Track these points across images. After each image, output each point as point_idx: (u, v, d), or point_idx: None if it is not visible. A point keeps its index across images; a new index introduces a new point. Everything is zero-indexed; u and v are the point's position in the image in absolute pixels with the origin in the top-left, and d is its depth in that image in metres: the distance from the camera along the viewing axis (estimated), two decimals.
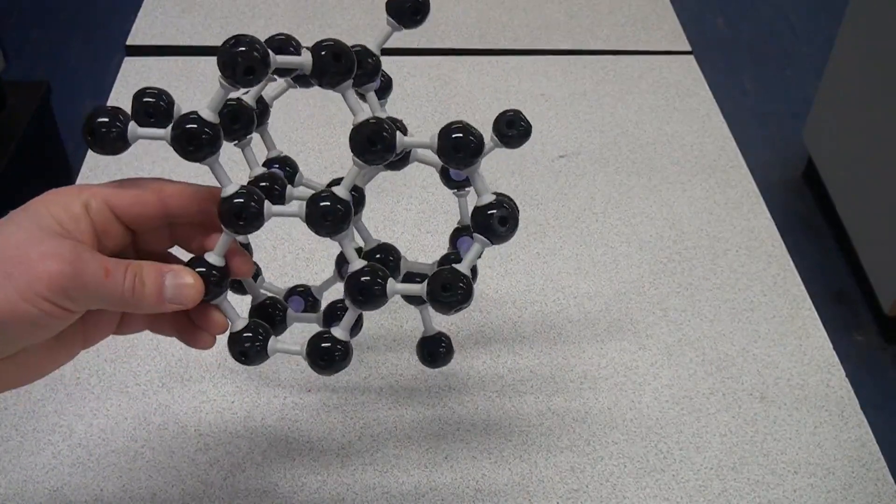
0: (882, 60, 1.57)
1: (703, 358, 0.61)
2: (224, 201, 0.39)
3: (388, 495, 0.52)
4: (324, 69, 0.39)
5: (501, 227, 0.40)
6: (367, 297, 0.40)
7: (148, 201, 0.39)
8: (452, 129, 0.39)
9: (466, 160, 0.39)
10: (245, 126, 0.43)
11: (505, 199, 0.40)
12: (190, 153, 0.38)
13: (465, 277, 0.40)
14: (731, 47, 2.34)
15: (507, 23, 0.93)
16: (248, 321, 0.42)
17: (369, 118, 0.39)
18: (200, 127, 0.38)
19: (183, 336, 0.42)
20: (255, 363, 0.43)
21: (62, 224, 0.37)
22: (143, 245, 0.41)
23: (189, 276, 0.39)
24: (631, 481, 0.53)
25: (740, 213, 0.72)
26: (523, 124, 0.46)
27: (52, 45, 2.22)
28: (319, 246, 0.67)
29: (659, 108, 0.83)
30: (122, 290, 0.37)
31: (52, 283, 0.35)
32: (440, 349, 0.48)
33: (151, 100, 0.40)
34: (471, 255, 0.41)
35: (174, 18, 0.91)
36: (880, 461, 0.55)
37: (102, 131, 0.38)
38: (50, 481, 0.52)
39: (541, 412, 0.57)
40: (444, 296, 0.39)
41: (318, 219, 0.39)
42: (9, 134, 1.44)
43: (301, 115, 0.79)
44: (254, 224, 0.39)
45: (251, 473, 0.53)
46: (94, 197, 0.38)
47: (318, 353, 0.42)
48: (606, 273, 0.66)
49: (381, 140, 0.39)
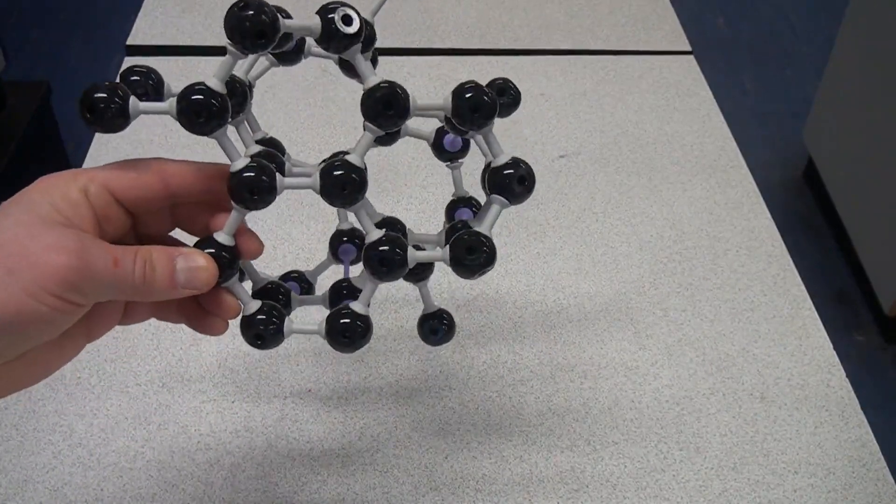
0: (882, 60, 1.57)
1: (703, 358, 0.61)
2: (234, 176, 0.37)
3: (389, 495, 0.52)
4: (332, 34, 0.37)
5: (520, 186, 0.39)
6: (390, 266, 0.39)
7: (149, 182, 0.37)
8: (466, 88, 0.38)
9: (482, 121, 0.38)
10: (240, 102, 0.41)
11: (520, 159, 0.39)
12: (199, 126, 0.36)
13: (487, 239, 0.39)
14: (731, 47, 2.34)
15: (508, 23, 0.93)
16: (261, 303, 0.41)
17: (380, 82, 0.38)
18: (208, 97, 0.36)
19: (193, 323, 0.40)
20: (271, 346, 0.41)
21: (61, 212, 0.35)
22: (143, 229, 0.39)
23: (201, 258, 0.37)
24: (631, 481, 0.53)
25: (740, 213, 0.72)
26: (513, 93, 0.45)
27: (52, 45, 2.22)
28: (320, 246, 0.67)
29: (659, 108, 0.83)
30: (133, 279, 0.35)
31: (59, 278, 0.33)
32: (442, 325, 0.47)
33: (138, 78, 0.38)
34: (490, 216, 0.39)
35: (174, 18, 0.91)
36: (880, 461, 0.55)
37: (101, 107, 0.36)
38: (50, 481, 0.52)
39: (541, 412, 0.57)
40: (469, 259, 0.38)
41: (334, 188, 0.37)
42: (9, 134, 1.44)
43: (300, 116, 0.79)
44: (266, 199, 0.37)
45: (251, 473, 0.53)
46: (93, 181, 0.36)
47: (338, 329, 0.40)
48: (607, 273, 0.66)
49: (395, 103, 0.37)
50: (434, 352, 0.60)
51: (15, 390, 0.37)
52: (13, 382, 0.36)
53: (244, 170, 0.37)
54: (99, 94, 0.36)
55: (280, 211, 0.70)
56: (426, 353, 0.60)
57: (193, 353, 0.59)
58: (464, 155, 0.49)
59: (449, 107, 0.38)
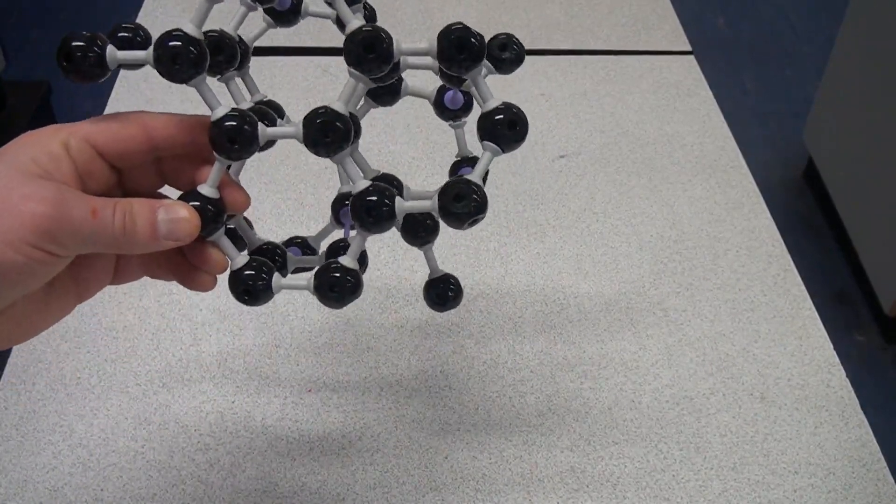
0: (882, 60, 1.57)
1: (703, 358, 0.60)
2: (215, 125, 0.36)
3: (389, 495, 0.52)
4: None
5: (510, 131, 0.38)
6: (376, 217, 0.38)
7: (132, 135, 0.37)
8: (453, 29, 0.36)
9: (468, 63, 0.36)
10: (228, 59, 0.40)
11: (512, 104, 0.38)
12: (176, 73, 0.35)
13: (478, 186, 0.37)
14: (731, 47, 2.34)
15: (508, 23, 0.93)
16: (250, 258, 0.40)
17: (363, 25, 0.37)
18: (185, 44, 0.35)
19: (182, 279, 0.40)
20: (260, 302, 0.40)
21: (42, 166, 0.34)
22: (131, 184, 0.39)
23: (183, 209, 0.36)
24: (631, 481, 0.53)
25: (741, 213, 0.72)
26: (516, 48, 0.43)
27: (53, 45, 2.21)
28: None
29: (659, 108, 0.83)
30: (113, 230, 0.35)
31: (36, 227, 0.32)
32: (449, 291, 0.46)
33: (127, 34, 0.38)
34: (482, 164, 0.38)
35: (175, 18, 0.91)
36: (881, 461, 0.55)
37: (79, 56, 0.36)
38: (50, 481, 0.52)
39: (541, 412, 0.57)
40: (456, 206, 0.37)
41: (317, 136, 0.36)
42: (9, 134, 1.44)
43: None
44: (248, 148, 0.37)
45: (251, 473, 0.53)
46: (74, 135, 0.35)
47: (327, 283, 0.39)
48: (607, 273, 0.66)
49: (378, 45, 0.36)
50: (434, 351, 0.60)
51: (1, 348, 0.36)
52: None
53: (225, 118, 0.36)
54: (76, 42, 0.36)
55: (280, 211, 0.70)
56: (426, 353, 0.60)
57: (193, 353, 0.59)
58: (466, 113, 0.47)
59: (434, 49, 0.37)
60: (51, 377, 0.57)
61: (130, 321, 0.61)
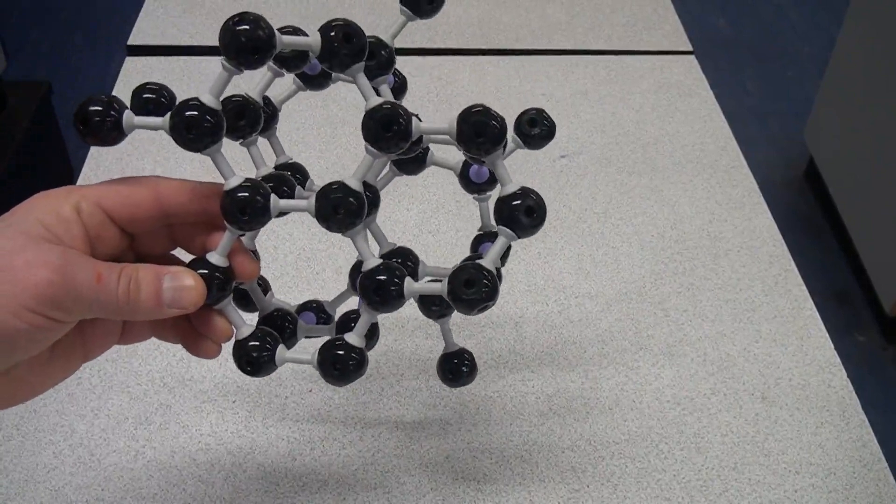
0: (883, 60, 1.57)
1: (704, 358, 0.60)
2: (227, 195, 0.36)
3: (390, 495, 0.52)
4: (333, 51, 0.36)
5: (527, 217, 0.37)
6: (384, 297, 0.37)
7: (143, 200, 0.36)
8: (472, 112, 0.36)
9: (488, 146, 0.36)
10: (251, 123, 0.40)
11: (530, 190, 0.37)
12: (190, 142, 0.35)
13: (489, 272, 0.36)
14: (732, 47, 2.34)
15: (509, 23, 0.93)
16: (255, 328, 0.40)
17: (382, 102, 0.36)
18: (202, 113, 0.35)
19: (186, 344, 0.40)
20: (263, 374, 0.40)
21: (50, 229, 0.34)
22: (142, 248, 0.38)
23: (189, 277, 0.36)
24: (632, 481, 0.53)
25: (742, 212, 0.72)
26: (546, 124, 0.43)
27: (53, 45, 2.22)
28: (320, 246, 0.67)
29: (660, 108, 0.83)
30: (117, 296, 0.34)
31: (39, 294, 0.32)
32: (463, 367, 0.45)
33: (152, 95, 0.38)
34: (496, 249, 0.37)
35: (175, 18, 0.91)
36: (881, 461, 0.55)
37: (96, 120, 0.36)
38: (51, 481, 0.52)
39: (542, 412, 0.57)
40: (467, 293, 0.36)
41: (328, 211, 0.36)
42: (9, 134, 1.44)
43: (301, 116, 0.79)
44: (259, 220, 0.36)
45: (252, 473, 0.53)
46: (85, 199, 0.35)
47: (330, 361, 0.39)
48: (608, 273, 0.66)
49: (395, 124, 0.36)
50: (434, 351, 0.60)
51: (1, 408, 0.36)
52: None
53: (237, 189, 0.36)
54: (93, 106, 0.36)
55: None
56: (427, 353, 0.60)
57: None
58: (492, 187, 0.46)
59: (454, 130, 0.36)
60: None
61: None
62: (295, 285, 0.64)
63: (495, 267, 0.37)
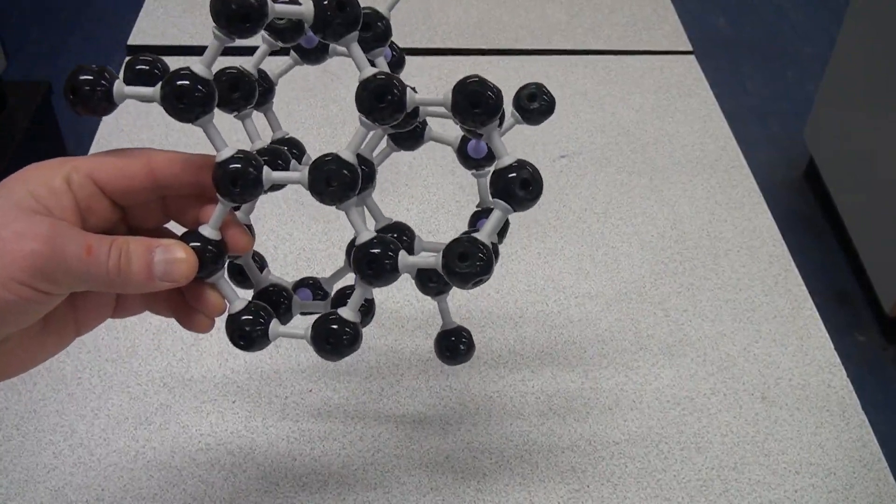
0: (883, 60, 1.57)
1: (704, 358, 0.60)
2: (219, 166, 0.36)
3: (390, 495, 0.52)
4: (327, 20, 0.35)
5: (523, 190, 0.36)
6: (377, 270, 0.36)
7: (135, 172, 0.36)
8: (468, 82, 0.35)
9: (484, 117, 0.35)
10: (245, 96, 0.39)
11: (526, 162, 0.36)
12: (181, 111, 0.35)
13: (484, 245, 0.36)
14: (732, 47, 2.34)
15: (508, 23, 0.93)
16: (248, 302, 0.39)
17: (377, 73, 0.35)
18: (193, 83, 0.35)
19: (180, 318, 0.39)
20: (256, 348, 0.39)
21: (41, 200, 0.33)
22: (135, 221, 0.38)
23: (181, 250, 0.35)
24: (632, 481, 0.53)
25: (742, 212, 0.72)
26: (546, 98, 0.42)
27: (53, 45, 2.22)
28: (321, 246, 0.67)
29: (660, 108, 0.83)
30: (107, 269, 0.34)
31: (27, 265, 0.32)
32: (460, 345, 0.44)
33: (145, 67, 0.37)
34: (491, 223, 0.37)
35: (176, 18, 0.91)
36: (881, 461, 0.55)
37: (86, 89, 0.35)
38: (51, 481, 0.52)
39: (542, 412, 0.57)
40: (461, 266, 0.35)
41: (321, 183, 0.35)
42: (9, 134, 1.44)
43: (301, 116, 0.79)
44: (251, 192, 0.36)
45: (251, 473, 0.53)
46: (77, 170, 0.35)
47: (323, 335, 0.38)
48: (607, 273, 0.66)
49: (389, 94, 0.35)
50: None
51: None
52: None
53: (229, 160, 0.36)
54: (84, 76, 0.35)
55: (281, 211, 0.70)
56: (427, 353, 0.60)
57: (194, 352, 0.59)
58: (490, 163, 0.45)
59: (449, 101, 0.36)
60: (52, 377, 0.57)
61: (131, 321, 0.61)
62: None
63: (491, 241, 0.36)
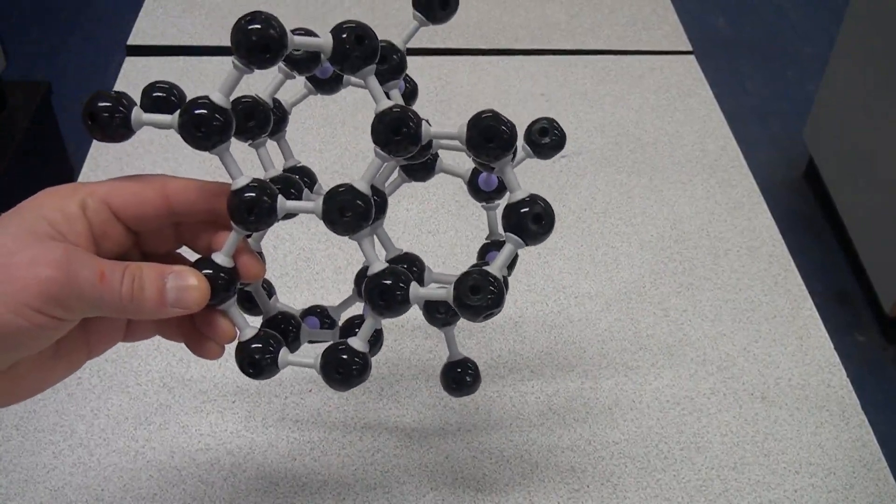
0: (883, 60, 1.57)
1: (703, 358, 0.60)
2: (234, 195, 0.36)
3: (390, 495, 0.52)
4: (345, 53, 0.36)
5: (535, 224, 0.36)
6: (389, 301, 0.37)
7: (149, 198, 0.36)
8: (483, 117, 0.36)
9: (498, 151, 0.35)
10: (260, 124, 0.40)
11: (539, 197, 0.37)
12: (199, 140, 0.35)
13: (495, 279, 0.36)
14: (731, 47, 2.34)
15: (508, 23, 0.93)
16: (258, 330, 0.39)
17: (392, 105, 0.36)
18: (211, 112, 0.35)
19: (190, 343, 0.39)
20: (265, 376, 0.40)
21: (55, 226, 0.34)
22: (148, 246, 0.38)
23: (193, 277, 0.36)
24: (632, 481, 0.53)
25: (741, 212, 0.72)
26: (557, 133, 0.43)
27: (52, 45, 2.22)
28: (320, 246, 0.67)
29: (660, 108, 0.83)
30: (120, 295, 0.34)
31: (41, 292, 0.32)
32: (466, 377, 0.45)
33: (162, 94, 0.37)
34: (503, 256, 0.37)
35: (175, 18, 0.91)
36: (881, 461, 0.55)
37: (104, 116, 0.35)
38: (51, 481, 0.52)
39: (541, 412, 0.57)
40: (472, 299, 0.35)
41: (335, 214, 0.36)
42: (9, 134, 1.44)
43: (301, 116, 0.79)
44: (266, 220, 0.36)
45: (252, 473, 0.53)
46: (92, 196, 0.35)
47: (333, 364, 0.38)
48: (607, 273, 0.66)
49: (405, 127, 0.35)
50: (434, 351, 0.60)
51: (2, 405, 0.36)
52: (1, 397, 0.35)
53: (244, 189, 0.36)
54: (102, 102, 0.36)
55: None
56: (427, 353, 0.60)
57: None
58: (500, 196, 0.46)
59: (464, 135, 0.36)
60: None
61: None
62: (295, 285, 0.64)
63: (502, 275, 0.37)
